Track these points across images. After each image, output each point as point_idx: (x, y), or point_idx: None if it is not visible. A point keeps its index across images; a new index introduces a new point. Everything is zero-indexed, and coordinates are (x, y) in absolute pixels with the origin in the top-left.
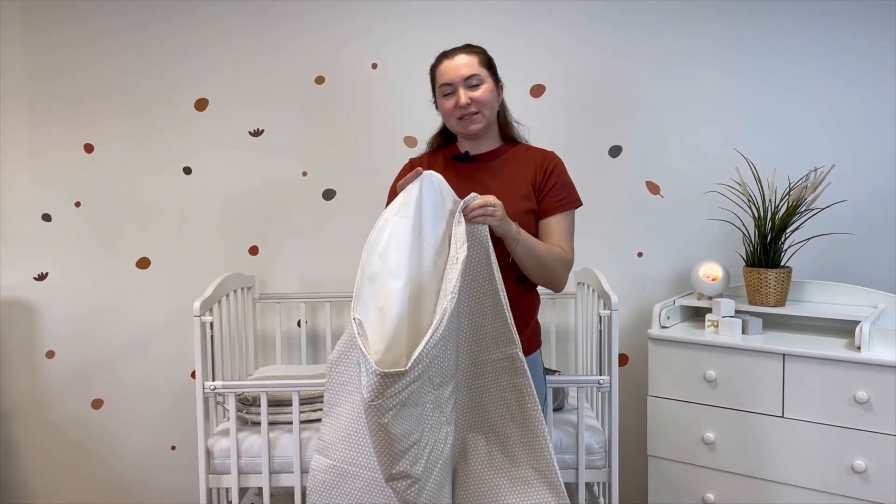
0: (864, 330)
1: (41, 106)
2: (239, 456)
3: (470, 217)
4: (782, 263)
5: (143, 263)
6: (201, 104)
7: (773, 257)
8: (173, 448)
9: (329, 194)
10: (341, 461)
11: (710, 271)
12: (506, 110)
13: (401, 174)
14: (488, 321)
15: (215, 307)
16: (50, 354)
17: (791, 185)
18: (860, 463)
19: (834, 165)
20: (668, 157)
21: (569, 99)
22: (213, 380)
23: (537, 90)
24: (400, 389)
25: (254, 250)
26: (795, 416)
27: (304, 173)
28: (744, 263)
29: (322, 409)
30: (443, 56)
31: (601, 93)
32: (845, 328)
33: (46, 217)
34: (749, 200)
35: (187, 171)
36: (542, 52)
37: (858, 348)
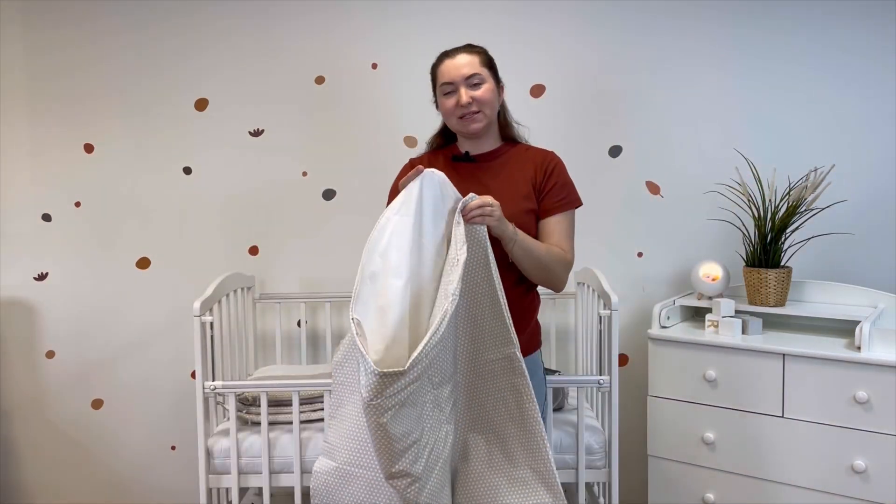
0: (864, 330)
1: (41, 106)
2: (239, 456)
3: (468, 217)
4: (782, 263)
5: (143, 263)
6: (201, 104)
7: (773, 257)
8: (173, 448)
9: (329, 194)
10: (345, 463)
11: (710, 271)
12: (506, 111)
13: (401, 174)
14: (486, 321)
15: (215, 307)
16: (50, 354)
17: (791, 185)
18: (860, 463)
19: (834, 165)
20: (668, 157)
21: (569, 99)
22: (213, 380)
23: (537, 90)
24: (399, 389)
25: (254, 250)
26: (795, 416)
27: (304, 173)
28: (744, 263)
29: (322, 409)
30: (444, 55)
31: (601, 93)
32: (845, 328)
33: (46, 217)
34: (749, 200)
35: (187, 171)
36: (542, 52)
37: (858, 348)
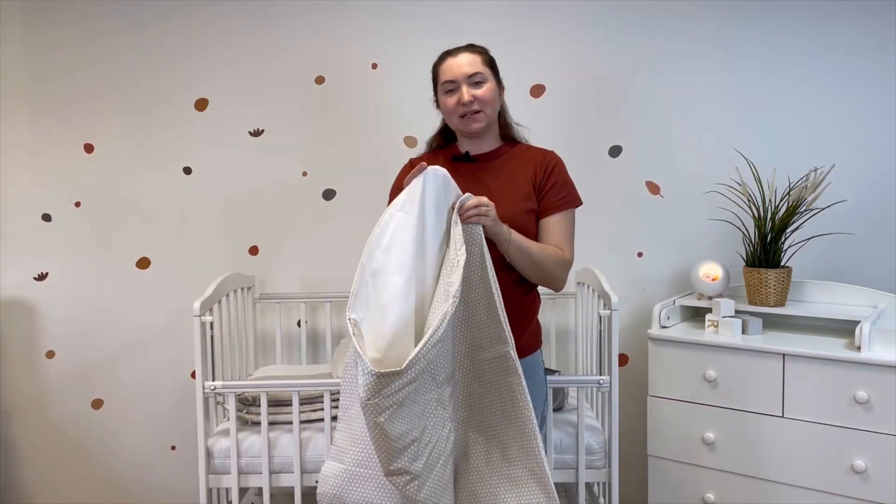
0: (864, 330)
1: (41, 106)
2: (239, 456)
3: (465, 217)
4: (782, 263)
5: (143, 263)
6: (201, 104)
7: (773, 257)
8: (173, 448)
9: (329, 194)
10: (354, 464)
11: (710, 271)
12: (506, 112)
13: (401, 174)
14: (482, 321)
15: (215, 307)
16: (50, 354)
17: (791, 185)
18: (860, 463)
19: (834, 165)
20: (667, 157)
21: (569, 99)
22: (213, 380)
23: (537, 90)
24: (396, 389)
25: (254, 250)
26: (795, 415)
27: (304, 173)
28: (744, 263)
29: (322, 409)
30: (446, 54)
31: (601, 93)
32: (845, 328)
33: (46, 217)
34: (749, 200)
35: (187, 171)
36: (542, 52)
37: (858, 348)
